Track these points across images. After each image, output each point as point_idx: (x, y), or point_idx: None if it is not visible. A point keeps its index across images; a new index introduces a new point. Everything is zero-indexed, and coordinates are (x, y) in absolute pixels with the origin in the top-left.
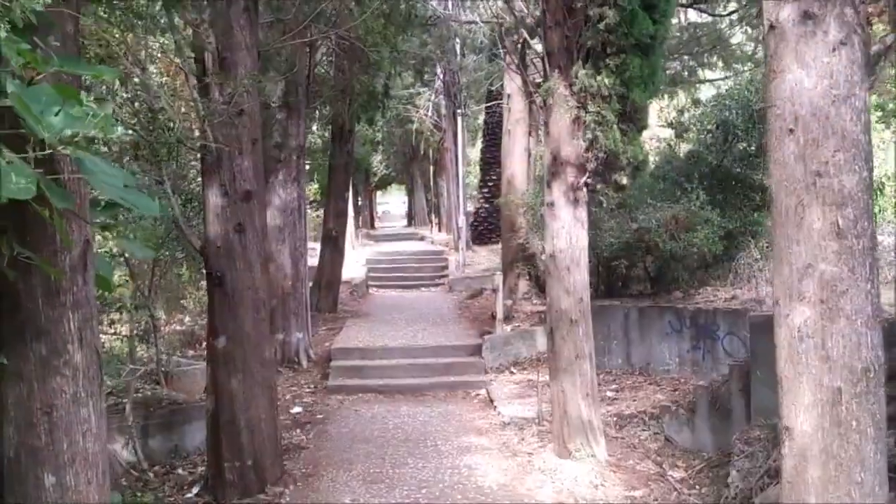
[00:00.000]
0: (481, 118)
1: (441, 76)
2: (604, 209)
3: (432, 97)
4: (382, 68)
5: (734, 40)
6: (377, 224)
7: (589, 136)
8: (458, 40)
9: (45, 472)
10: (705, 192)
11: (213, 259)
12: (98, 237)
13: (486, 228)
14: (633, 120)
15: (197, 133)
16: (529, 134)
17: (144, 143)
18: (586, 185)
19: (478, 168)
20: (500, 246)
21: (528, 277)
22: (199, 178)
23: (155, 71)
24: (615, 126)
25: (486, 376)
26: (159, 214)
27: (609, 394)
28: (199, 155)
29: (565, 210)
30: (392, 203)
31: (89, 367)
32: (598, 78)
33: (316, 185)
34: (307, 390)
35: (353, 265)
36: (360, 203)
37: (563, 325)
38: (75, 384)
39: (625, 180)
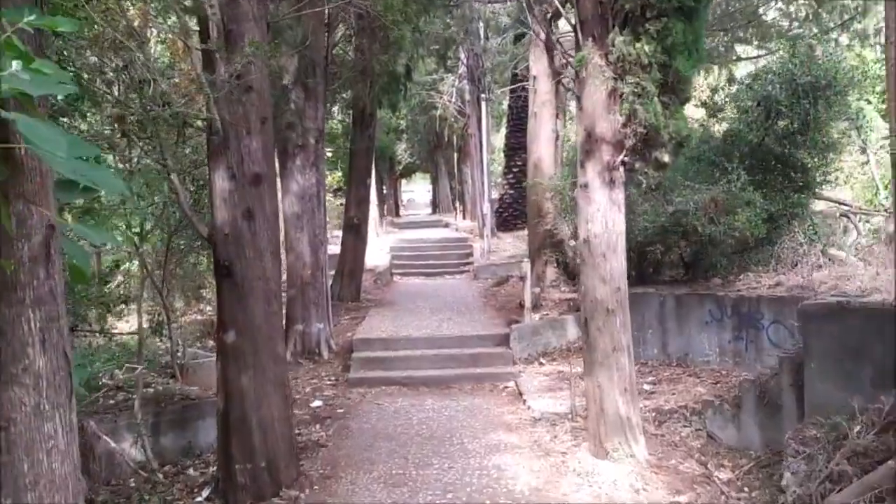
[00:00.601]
0: (505, 103)
1: (465, 60)
2: (638, 191)
3: (456, 82)
4: (403, 47)
5: (769, 16)
6: (402, 212)
7: (626, 109)
8: (481, 22)
9: (1, 496)
10: (746, 172)
11: (221, 247)
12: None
13: (510, 215)
14: (675, 91)
15: (202, 111)
16: (556, 116)
17: (138, 119)
18: (623, 163)
19: (502, 155)
20: (525, 232)
21: (556, 264)
22: None
23: (159, 48)
24: (656, 98)
25: (514, 367)
26: (128, 194)
27: (646, 387)
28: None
29: (600, 192)
30: (417, 191)
31: (55, 374)
32: (637, 45)
33: (339, 173)
34: (328, 383)
35: (377, 253)
36: (384, 191)
37: (598, 316)
38: (37, 394)
39: (666, 158)
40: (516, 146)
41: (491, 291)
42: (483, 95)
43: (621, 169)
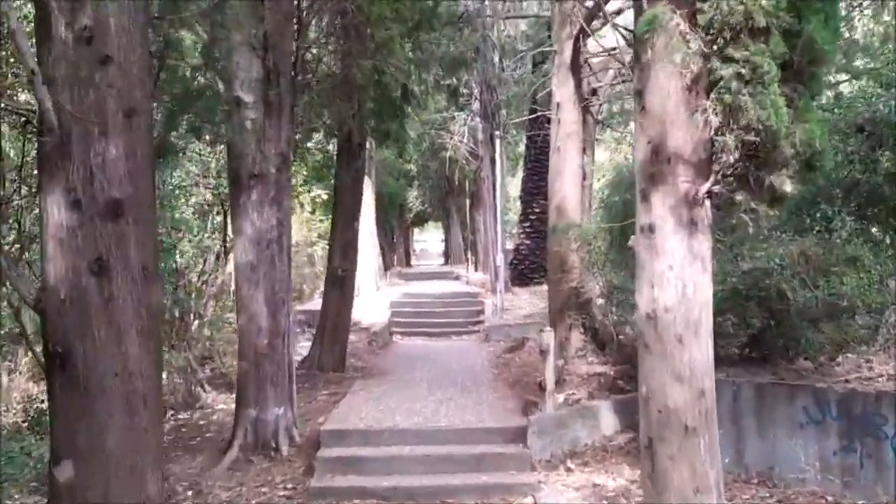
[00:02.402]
0: (522, 146)
1: (476, 94)
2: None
3: (468, 119)
4: (393, 51)
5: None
6: (413, 261)
7: (723, 105)
8: (495, 48)
9: None
10: (853, 218)
11: (54, 321)
12: None
13: (527, 268)
14: (803, 77)
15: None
16: (584, 151)
17: None
18: (711, 195)
19: (518, 202)
20: (545, 288)
21: (582, 329)
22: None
23: None
24: (775, 85)
25: (532, 475)
26: None
27: None
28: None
29: (675, 238)
30: (430, 241)
31: None
32: None
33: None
34: (281, 494)
35: (376, 308)
36: (394, 239)
37: (671, 436)
38: None
39: (788, 186)
40: (534, 191)
41: (503, 360)
42: (497, 132)
43: (707, 203)
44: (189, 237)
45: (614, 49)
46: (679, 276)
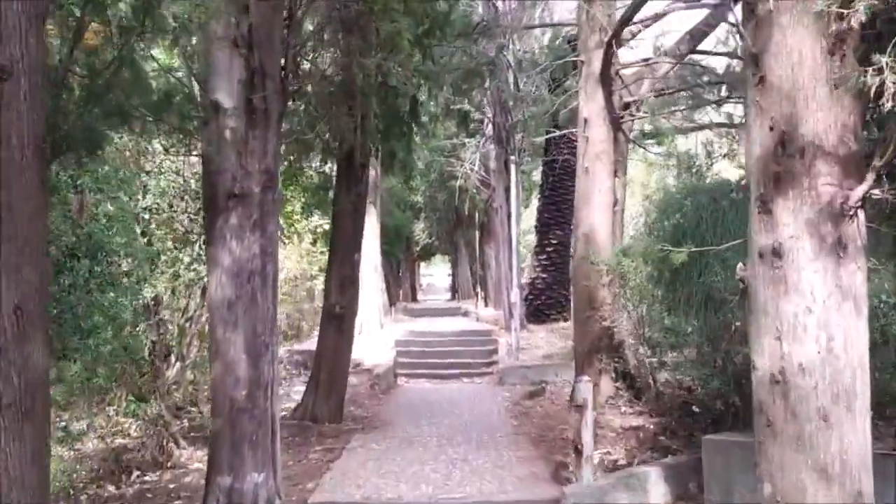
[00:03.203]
0: (536, 176)
1: (490, 115)
2: None
3: (480, 146)
4: (400, 47)
5: None
6: (419, 296)
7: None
8: (510, 62)
9: None
10: None
11: None
12: None
13: (543, 303)
14: None
15: None
16: (615, 173)
17: None
18: (865, 203)
19: (532, 235)
20: (563, 325)
21: (613, 375)
22: None
23: None
24: None
25: None
26: None
27: None
28: None
29: (814, 267)
30: (437, 275)
31: None
32: None
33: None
34: None
35: (380, 347)
36: (400, 273)
37: None
38: None
39: None
40: (551, 221)
41: (522, 408)
42: (513, 157)
43: (861, 216)
44: (163, 269)
45: (648, 60)
46: (822, 323)
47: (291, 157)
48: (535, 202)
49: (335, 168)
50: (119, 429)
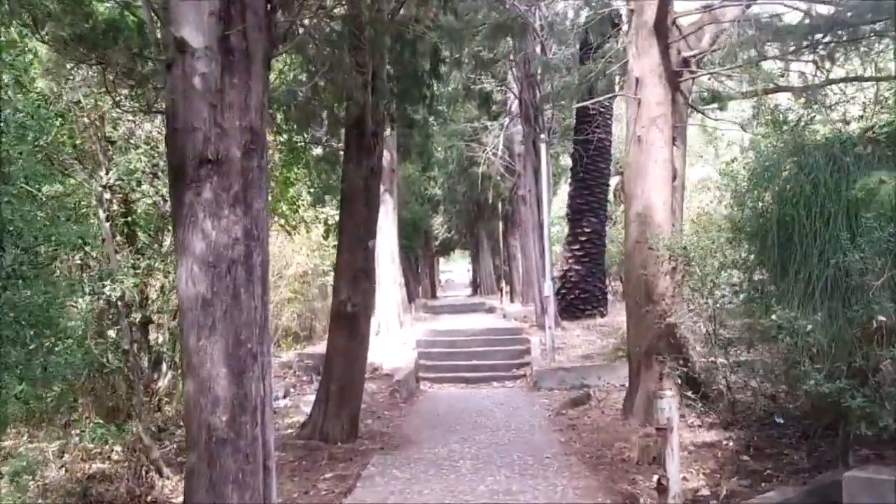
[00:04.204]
0: (564, 161)
1: (516, 90)
2: None
3: (505, 125)
4: None
5: None
6: (439, 293)
7: None
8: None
9: None
10: None
11: None
12: None
13: (577, 297)
14: None
15: None
16: (673, 142)
17: None
18: None
19: (559, 226)
20: (599, 322)
21: (678, 381)
22: None
23: None
24: None
25: None
26: None
27: None
28: None
29: None
30: (456, 271)
31: None
32: None
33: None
34: None
35: (400, 349)
36: (419, 270)
37: None
38: None
39: None
40: (584, 207)
41: (567, 419)
42: (542, 136)
43: None
44: (133, 260)
45: (711, 5)
46: None
47: (291, 128)
48: (563, 191)
49: (344, 136)
50: (98, 452)
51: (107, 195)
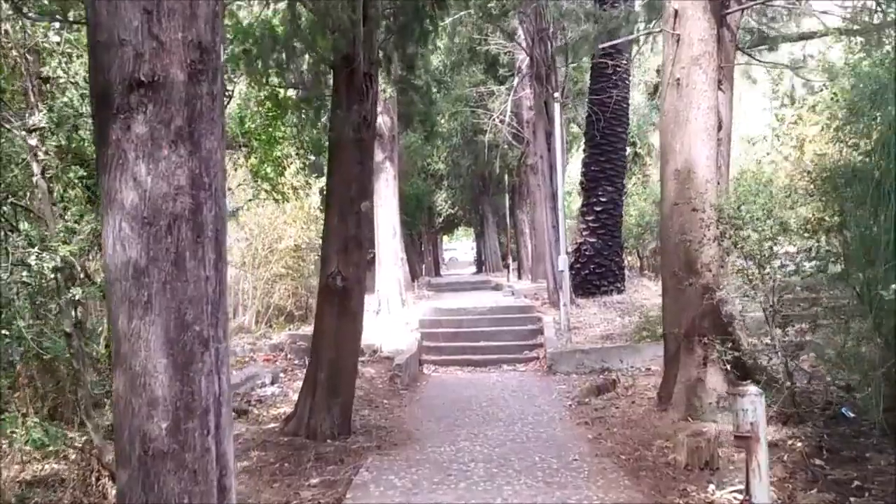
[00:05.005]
0: (575, 128)
1: (526, 44)
2: None
3: (514, 88)
4: None
5: None
6: (442, 271)
7: None
8: None
9: None
10: None
11: None
12: None
13: (592, 273)
14: None
15: None
16: (719, 85)
17: None
18: None
19: (571, 195)
20: (617, 299)
21: (722, 362)
22: None
23: None
24: None
25: None
26: None
27: None
28: None
29: None
30: (459, 249)
31: None
32: None
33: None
34: None
35: (401, 329)
36: (422, 247)
37: None
38: None
39: None
40: (599, 175)
41: (591, 408)
42: (556, 95)
43: None
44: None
45: None
46: None
47: (268, 71)
48: (574, 161)
49: (332, 77)
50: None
51: (32, 140)
